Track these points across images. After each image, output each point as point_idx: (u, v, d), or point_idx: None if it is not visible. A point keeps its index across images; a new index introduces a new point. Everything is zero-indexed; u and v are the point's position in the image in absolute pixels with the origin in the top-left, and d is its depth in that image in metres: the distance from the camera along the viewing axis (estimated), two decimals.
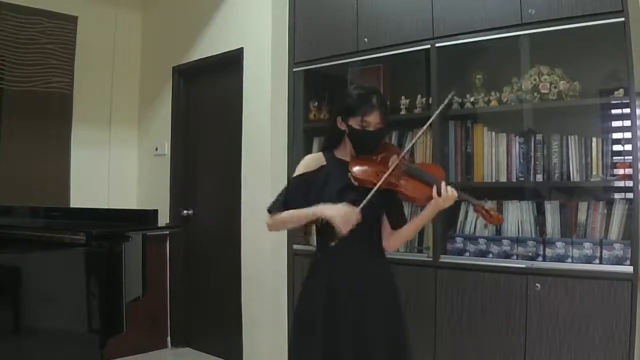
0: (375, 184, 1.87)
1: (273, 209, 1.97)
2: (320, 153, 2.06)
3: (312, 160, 2.02)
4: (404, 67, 3.14)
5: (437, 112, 2.18)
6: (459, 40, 2.73)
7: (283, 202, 1.96)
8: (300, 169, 2.01)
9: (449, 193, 1.85)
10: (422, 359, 2.75)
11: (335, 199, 1.88)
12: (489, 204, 1.93)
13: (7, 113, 3.80)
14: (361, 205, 1.82)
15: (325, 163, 2.00)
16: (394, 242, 2.05)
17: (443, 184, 1.87)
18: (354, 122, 1.93)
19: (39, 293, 2.38)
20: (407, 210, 2.92)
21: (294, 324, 2.04)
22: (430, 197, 1.87)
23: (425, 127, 2.11)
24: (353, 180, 1.90)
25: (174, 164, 4.16)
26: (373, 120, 1.91)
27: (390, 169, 1.90)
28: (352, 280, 1.92)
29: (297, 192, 1.96)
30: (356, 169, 1.91)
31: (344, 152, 2.02)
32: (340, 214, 1.80)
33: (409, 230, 2.04)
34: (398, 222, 2.04)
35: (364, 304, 1.91)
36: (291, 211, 1.92)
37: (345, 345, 1.86)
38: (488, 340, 2.58)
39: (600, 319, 2.31)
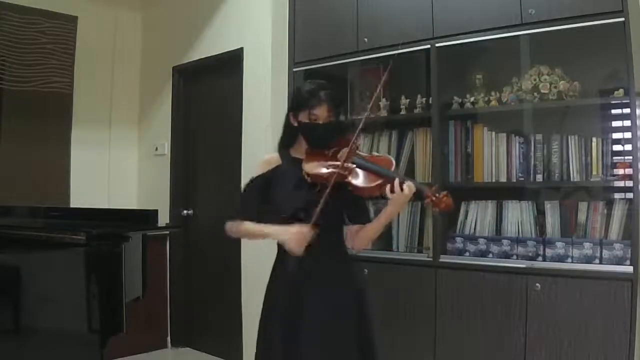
0: (326, 179, 1.81)
1: (240, 215, 1.96)
2: (276, 153, 2.04)
3: (268, 160, 2.01)
4: (404, 67, 3.13)
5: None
6: (459, 40, 2.73)
7: (245, 208, 1.96)
8: (258, 170, 2.00)
9: (405, 187, 1.77)
10: (422, 359, 2.76)
11: (290, 198, 1.88)
12: (442, 192, 1.81)
13: (7, 113, 3.80)
14: (313, 219, 1.77)
15: (280, 162, 1.99)
16: (361, 241, 1.99)
17: (397, 180, 1.78)
18: (304, 117, 1.93)
19: (39, 293, 2.37)
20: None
21: (260, 322, 2.00)
22: (379, 187, 1.81)
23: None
24: (306, 177, 1.87)
25: (174, 164, 4.16)
26: (321, 113, 1.90)
27: (341, 163, 1.83)
28: (313, 286, 1.88)
29: (256, 195, 1.96)
30: (308, 165, 1.89)
31: (300, 150, 1.99)
32: (292, 237, 1.79)
33: (375, 227, 1.95)
34: (360, 219, 1.98)
35: (328, 308, 1.87)
36: (246, 225, 1.93)
37: (311, 350, 1.83)
38: (488, 340, 2.58)
39: (600, 319, 2.31)
